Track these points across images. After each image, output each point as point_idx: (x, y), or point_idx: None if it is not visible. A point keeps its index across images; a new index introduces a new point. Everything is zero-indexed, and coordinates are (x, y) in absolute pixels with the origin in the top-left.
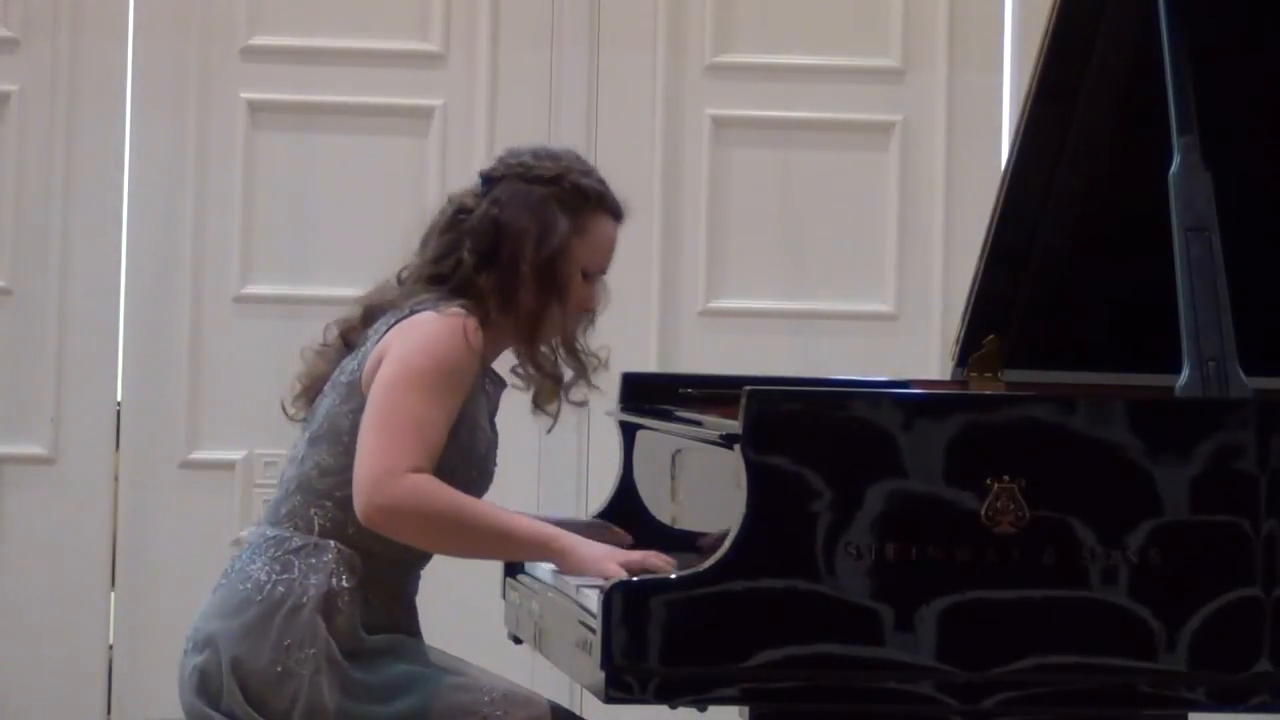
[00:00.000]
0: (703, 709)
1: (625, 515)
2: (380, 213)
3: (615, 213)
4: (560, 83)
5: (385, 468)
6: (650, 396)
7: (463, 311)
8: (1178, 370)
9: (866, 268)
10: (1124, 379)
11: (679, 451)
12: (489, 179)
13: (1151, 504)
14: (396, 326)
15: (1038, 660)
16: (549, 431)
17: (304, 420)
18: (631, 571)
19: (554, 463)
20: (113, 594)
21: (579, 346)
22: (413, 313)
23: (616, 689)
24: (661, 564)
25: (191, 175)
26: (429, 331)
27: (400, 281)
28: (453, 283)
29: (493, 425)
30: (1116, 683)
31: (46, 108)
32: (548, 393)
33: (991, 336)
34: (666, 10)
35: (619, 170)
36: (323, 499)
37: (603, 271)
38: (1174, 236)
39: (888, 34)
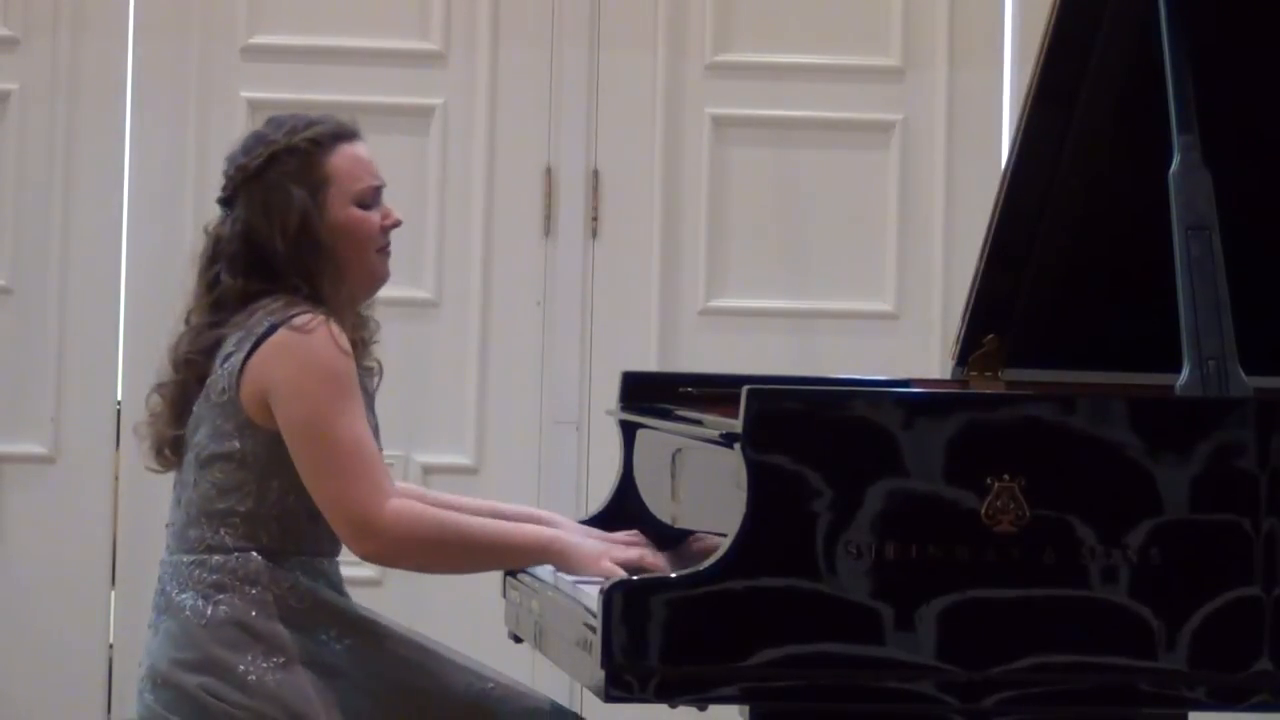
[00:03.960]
0: (703, 708)
1: (625, 515)
2: None
3: (343, 137)
4: (560, 83)
5: (361, 512)
6: (650, 396)
7: (310, 312)
8: (1178, 370)
9: (866, 267)
10: (1124, 379)
11: (679, 451)
12: (225, 201)
13: (1151, 503)
14: (266, 354)
15: (1038, 659)
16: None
17: (177, 464)
18: (627, 570)
19: (554, 462)
20: (113, 594)
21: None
22: (270, 330)
23: (616, 688)
24: (656, 563)
25: (191, 175)
26: (305, 354)
27: (188, 324)
28: (232, 304)
29: (372, 411)
30: (1116, 682)
31: (46, 108)
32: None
33: (991, 336)
34: (666, 10)
35: (619, 170)
36: (228, 517)
37: (377, 189)
38: (1174, 236)
39: (888, 34)
